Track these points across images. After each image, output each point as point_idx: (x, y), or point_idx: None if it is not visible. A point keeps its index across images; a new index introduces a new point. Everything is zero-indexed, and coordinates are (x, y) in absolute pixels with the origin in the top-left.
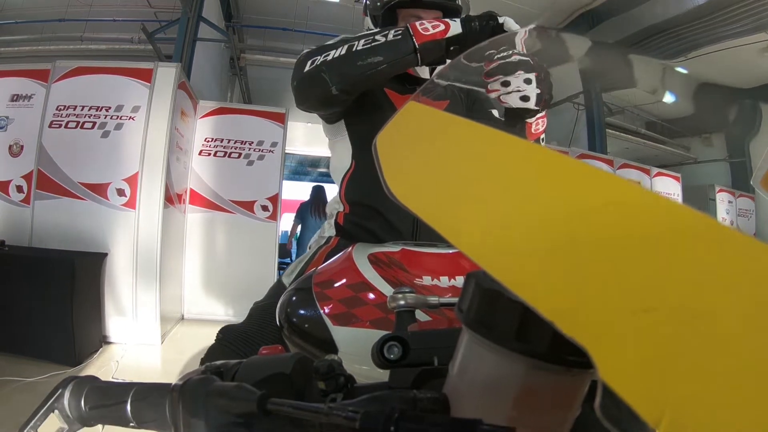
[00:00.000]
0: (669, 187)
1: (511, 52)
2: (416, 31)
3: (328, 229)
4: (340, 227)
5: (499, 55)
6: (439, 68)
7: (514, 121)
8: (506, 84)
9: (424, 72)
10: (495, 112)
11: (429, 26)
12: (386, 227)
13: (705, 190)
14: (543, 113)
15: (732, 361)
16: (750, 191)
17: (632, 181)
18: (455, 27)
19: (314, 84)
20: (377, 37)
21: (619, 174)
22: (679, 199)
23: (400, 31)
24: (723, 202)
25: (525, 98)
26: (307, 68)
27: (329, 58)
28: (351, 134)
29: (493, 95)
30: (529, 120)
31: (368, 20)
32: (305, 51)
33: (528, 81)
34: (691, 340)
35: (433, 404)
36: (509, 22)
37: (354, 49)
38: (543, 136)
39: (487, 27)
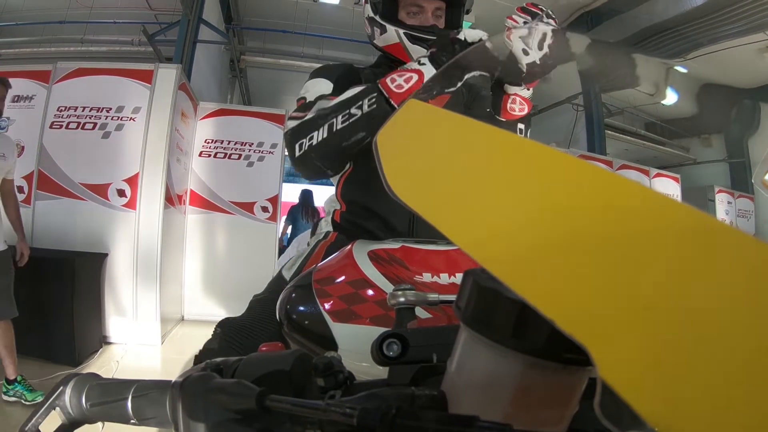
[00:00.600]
0: (668, 188)
1: (555, 27)
2: (390, 91)
3: (326, 226)
4: (337, 224)
5: (546, 18)
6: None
7: (496, 83)
8: (530, 30)
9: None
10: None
11: (401, 81)
12: (382, 226)
13: (704, 191)
14: (526, 95)
15: (732, 360)
16: (750, 192)
17: (632, 179)
18: (428, 70)
19: (309, 168)
20: (353, 110)
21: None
22: (679, 201)
23: (374, 98)
24: (722, 203)
25: (525, 52)
26: (297, 154)
27: (314, 142)
28: None
29: (509, 23)
30: (508, 90)
31: (368, 7)
32: (290, 128)
33: (540, 47)
34: (691, 338)
35: (430, 401)
36: (467, 33)
37: (334, 129)
38: (523, 128)
39: (452, 50)
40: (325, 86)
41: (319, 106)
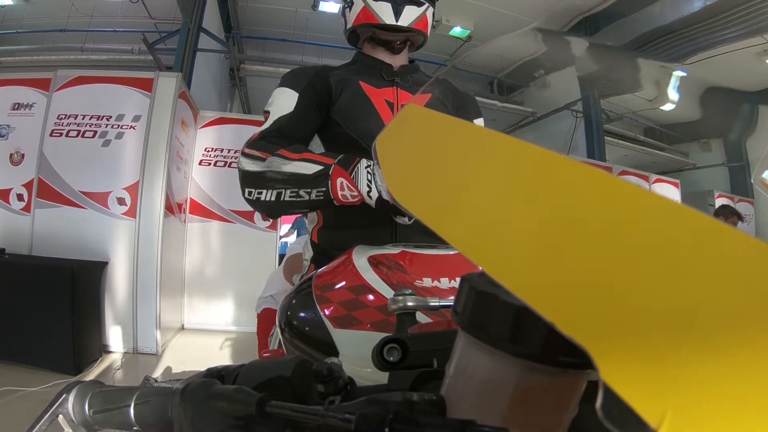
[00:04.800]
0: (668, 193)
1: None
2: (335, 193)
3: (307, 252)
4: (316, 245)
5: None
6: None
7: None
8: None
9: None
10: (481, 122)
11: (348, 194)
12: (359, 236)
13: (704, 195)
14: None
15: (734, 362)
16: (749, 196)
17: (632, 182)
18: (369, 202)
19: (255, 209)
20: (301, 192)
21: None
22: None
23: (322, 192)
24: None
25: None
26: (245, 197)
27: (261, 199)
28: (325, 141)
29: None
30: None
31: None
32: (244, 169)
33: None
34: (692, 340)
35: (429, 406)
36: None
37: (282, 198)
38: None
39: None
40: (288, 100)
41: (271, 161)
